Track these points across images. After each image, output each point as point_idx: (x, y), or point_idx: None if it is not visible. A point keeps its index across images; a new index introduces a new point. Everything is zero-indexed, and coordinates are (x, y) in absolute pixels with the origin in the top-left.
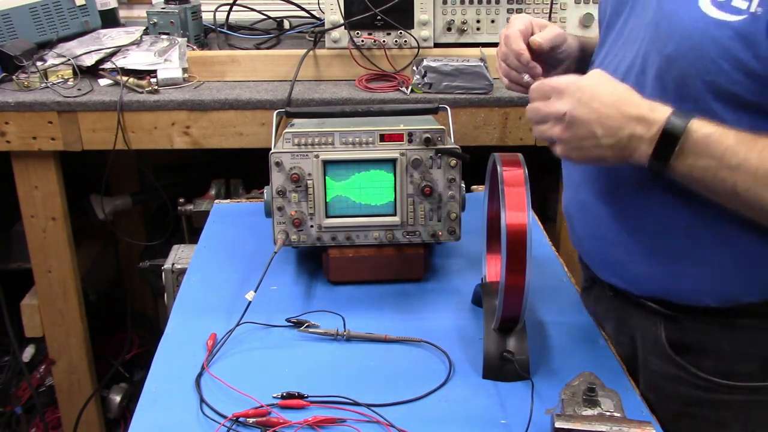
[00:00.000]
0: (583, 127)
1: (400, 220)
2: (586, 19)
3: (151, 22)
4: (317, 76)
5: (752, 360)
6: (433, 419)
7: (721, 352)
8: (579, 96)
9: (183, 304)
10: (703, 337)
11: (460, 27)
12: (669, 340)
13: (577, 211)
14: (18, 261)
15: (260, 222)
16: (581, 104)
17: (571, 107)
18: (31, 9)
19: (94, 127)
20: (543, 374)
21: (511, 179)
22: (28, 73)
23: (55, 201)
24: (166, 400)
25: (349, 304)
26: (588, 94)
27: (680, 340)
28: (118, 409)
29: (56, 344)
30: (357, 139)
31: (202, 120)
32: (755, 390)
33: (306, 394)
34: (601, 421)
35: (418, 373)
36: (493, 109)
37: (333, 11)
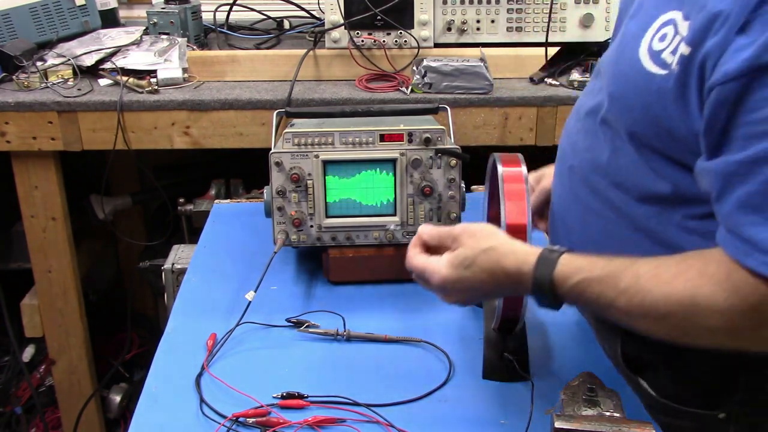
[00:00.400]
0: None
1: (400, 220)
2: (586, 19)
3: (151, 22)
4: (317, 76)
5: (695, 386)
6: (433, 419)
7: (670, 374)
8: (453, 290)
9: (183, 304)
10: (655, 357)
11: (460, 27)
12: (625, 356)
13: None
14: (18, 261)
15: (260, 222)
16: (451, 294)
17: (451, 300)
18: (31, 9)
19: (94, 127)
20: (543, 374)
21: (510, 178)
22: (28, 73)
23: (55, 201)
24: (166, 400)
25: (349, 304)
26: (452, 287)
27: (636, 358)
28: (118, 409)
29: (56, 344)
30: (357, 139)
31: (202, 120)
32: (701, 417)
33: (306, 394)
34: (601, 421)
35: (418, 373)
36: (493, 109)
37: (333, 11)
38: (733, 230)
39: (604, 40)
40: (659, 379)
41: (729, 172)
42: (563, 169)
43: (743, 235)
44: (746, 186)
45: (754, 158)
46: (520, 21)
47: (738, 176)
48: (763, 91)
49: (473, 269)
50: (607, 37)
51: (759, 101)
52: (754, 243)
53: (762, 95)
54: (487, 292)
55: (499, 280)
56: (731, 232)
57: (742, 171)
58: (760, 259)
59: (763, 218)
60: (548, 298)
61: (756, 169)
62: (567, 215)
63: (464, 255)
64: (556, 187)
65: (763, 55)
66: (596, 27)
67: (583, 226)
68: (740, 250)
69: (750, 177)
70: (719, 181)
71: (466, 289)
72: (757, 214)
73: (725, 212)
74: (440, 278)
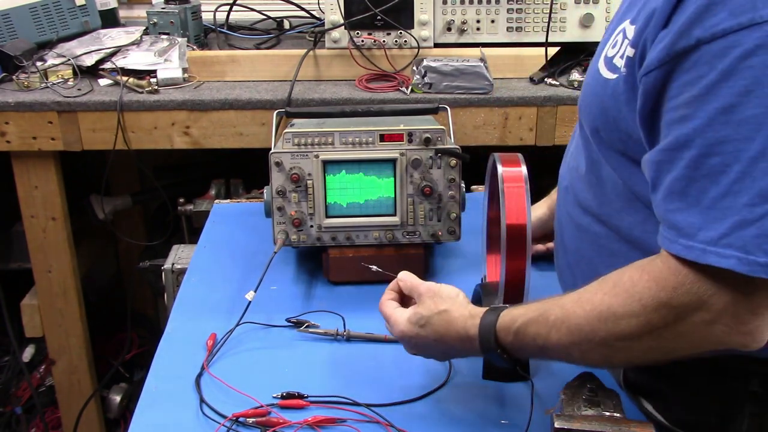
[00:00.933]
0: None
1: (400, 220)
2: (586, 19)
3: (151, 22)
4: (317, 76)
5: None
6: (433, 419)
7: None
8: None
9: (183, 304)
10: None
11: (460, 27)
12: (627, 381)
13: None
14: (18, 261)
15: (260, 222)
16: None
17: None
18: (31, 9)
19: (94, 127)
20: (543, 374)
21: (510, 178)
22: (28, 73)
23: (55, 201)
24: (166, 400)
25: (349, 304)
26: (408, 342)
27: (640, 383)
28: (118, 409)
29: (56, 344)
30: (357, 139)
31: (202, 120)
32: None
33: (306, 394)
34: (601, 422)
35: (418, 373)
36: (493, 109)
37: (333, 11)
38: (663, 219)
39: None
40: (667, 404)
41: (658, 161)
42: (560, 191)
43: (669, 222)
44: (671, 173)
45: (675, 144)
46: (520, 21)
47: (664, 163)
48: (680, 77)
49: (427, 329)
50: None
51: (677, 88)
52: (678, 229)
53: (679, 82)
54: (442, 350)
55: (449, 342)
56: (662, 223)
57: (667, 158)
58: (684, 243)
59: (686, 204)
60: (497, 354)
61: (677, 154)
62: (564, 235)
63: (421, 314)
64: (557, 210)
65: (677, 42)
66: (596, 27)
67: (577, 243)
68: (667, 238)
69: (674, 163)
70: (652, 172)
71: (421, 345)
72: (681, 200)
73: (657, 202)
74: (399, 331)
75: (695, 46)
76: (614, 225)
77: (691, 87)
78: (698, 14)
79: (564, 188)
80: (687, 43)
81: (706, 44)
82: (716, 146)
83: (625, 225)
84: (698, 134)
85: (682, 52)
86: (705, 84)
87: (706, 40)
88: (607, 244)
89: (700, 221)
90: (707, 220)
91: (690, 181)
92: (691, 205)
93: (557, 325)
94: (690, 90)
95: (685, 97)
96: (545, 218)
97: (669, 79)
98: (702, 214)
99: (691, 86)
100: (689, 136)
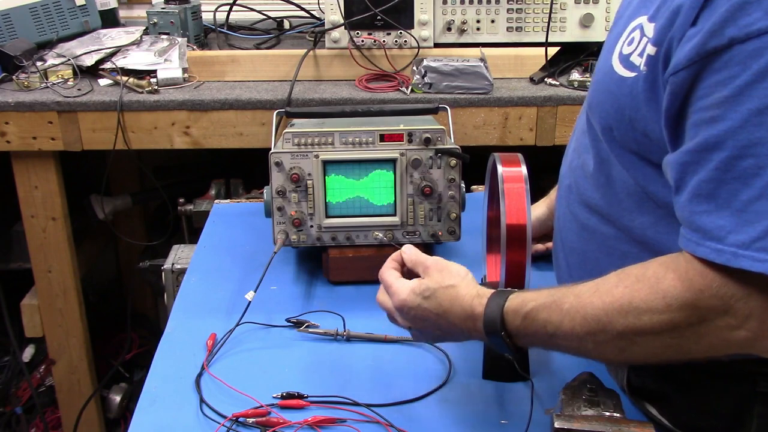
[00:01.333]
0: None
1: (400, 220)
2: (586, 19)
3: (151, 22)
4: (317, 76)
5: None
6: (433, 419)
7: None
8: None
9: (183, 304)
10: (661, 387)
11: (460, 27)
12: (630, 384)
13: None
14: (18, 261)
15: (260, 222)
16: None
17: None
18: (31, 9)
19: (94, 127)
20: (543, 374)
21: (510, 178)
22: (28, 73)
23: (55, 201)
24: (166, 400)
25: (349, 304)
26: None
27: (643, 386)
28: (118, 409)
29: (56, 344)
30: (357, 139)
31: (202, 120)
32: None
33: (306, 394)
34: (601, 421)
35: (418, 373)
36: (493, 109)
37: (333, 11)
38: (688, 221)
39: (604, 40)
40: (674, 409)
41: (683, 162)
42: (562, 190)
43: (695, 225)
44: (698, 175)
45: (705, 145)
46: (520, 21)
47: (690, 165)
48: (710, 77)
49: (430, 301)
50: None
51: (707, 88)
52: (706, 231)
53: (709, 82)
54: (441, 327)
55: (451, 318)
56: (686, 225)
57: (694, 159)
58: (712, 246)
59: (714, 206)
60: (501, 337)
61: (706, 156)
62: (566, 236)
63: (426, 286)
64: (557, 209)
65: (708, 41)
66: (596, 27)
67: (582, 244)
68: (692, 240)
69: (701, 165)
70: (676, 173)
71: (420, 317)
72: (709, 202)
73: (681, 204)
74: (400, 300)
75: (728, 45)
76: (624, 225)
77: (723, 87)
78: (731, 13)
79: (566, 187)
80: (719, 43)
81: (740, 44)
82: (749, 148)
83: (636, 225)
84: (730, 136)
85: (713, 51)
86: (738, 84)
87: (739, 39)
88: (616, 245)
89: (730, 224)
90: (738, 224)
91: (720, 183)
92: (721, 208)
93: (571, 313)
94: (721, 90)
95: (716, 98)
96: (545, 218)
97: (698, 78)
98: (733, 217)
99: (723, 86)
100: (720, 137)
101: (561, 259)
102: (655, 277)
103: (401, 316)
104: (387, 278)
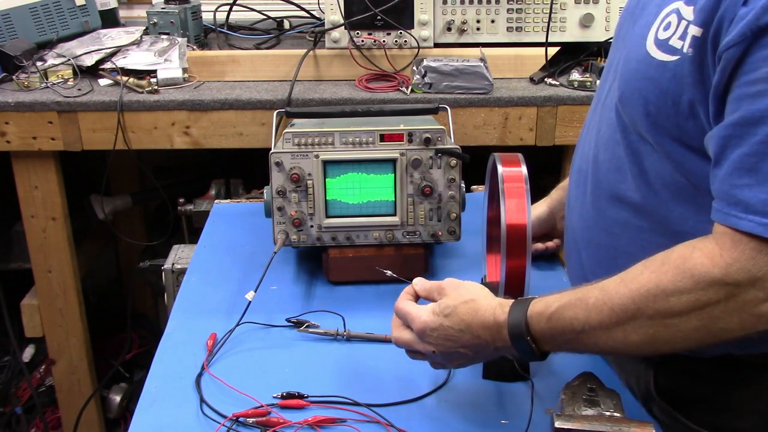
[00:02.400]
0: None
1: (400, 220)
2: (586, 19)
3: (151, 22)
4: (317, 76)
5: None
6: (433, 419)
7: (713, 405)
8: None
9: (183, 304)
10: (695, 388)
11: (460, 27)
12: (658, 387)
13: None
14: (18, 261)
15: (260, 222)
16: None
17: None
18: (31, 9)
19: (94, 127)
20: (543, 374)
21: (510, 178)
22: (28, 73)
23: (55, 201)
24: (166, 400)
25: (349, 304)
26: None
27: (671, 389)
28: (118, 409)
29: (56, 344)
30: (357, 139)
31: (202, 120)
32: None
33: (306, 394)
34: (601, 421)
35: (418, 373)
36: (493, 109)
37: (333, 11)
38: (726, 195)
39: (604, 40)
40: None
41: (725, 136)
42: (584, 188)
43: (735, 198)
44: (741, 148)
45: (749, 119)
46: (520, 21)
47: (733, 138)
48: (760, 52)
49: (452, 318)
50: (607, 37)
51: (754, 63)
52: (748, 205)
53: (757, 56)
54: (465, 343)
55: (475, 330)
56: (722, 199)
57: (737, 133)
58: (757, 220)
59: (756, 180)
60: (526, 343)
61: (750, 129)
62: (591, 234)
63: (446, 304)
64: (575, 207)
65: (762, 17)
66: (596, 27)
67: (613, 240)
68: (731, 214)
69: (744, 138)
70: (717, 146)
71: (444, 337)
72: (750, 176)
73: (720, 177)
74: (422, 322)
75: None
76: (661, 217)
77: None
78: None
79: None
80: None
81: None
82: None
83: (674, 216)
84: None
85: (765, 27)
86: None
87: None
88: (651, 238)
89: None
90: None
91: (764, 156)
92: (763, 182)
93: (598, 306)
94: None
95: (763, 72)
96: (545, 217)
97: (747, 53)
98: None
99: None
100: (765, 111)
101: (581, 258)
102: (681, 258)
103: (423, 341)
104: (404, 307)
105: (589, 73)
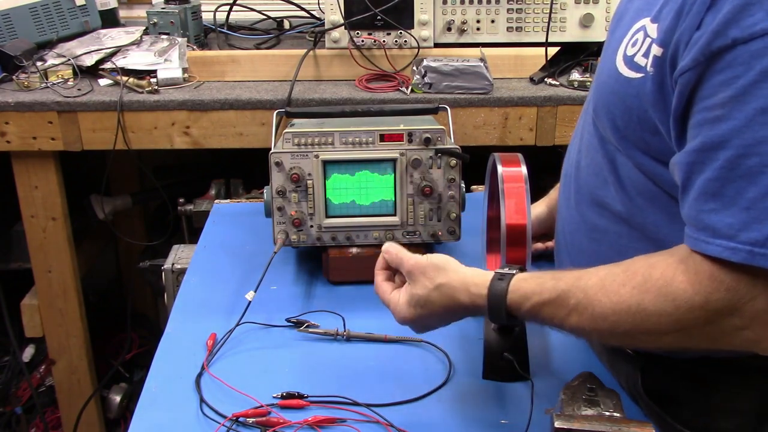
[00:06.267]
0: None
1: (400, 220)
2: (586, 19)
3: (151, 22)
4: (317, 76)
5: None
6: (433, 419)
7: (697, 405)
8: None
9: (183, 304)
10: (679, 388)
11: (460, 27)
12: (646, 387)
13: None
14: (18, 261)
15: (260, 222)
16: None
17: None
18: (31, 9)
19: (94, 127)
20: (543, 374)
21: (510, 178)
22: (28, 73)
23: (55, 201)
24: (166, 400)
25: (349, 304)
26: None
27: (657, 389)
28: (118, 409)
29: (56, 344)
30: (357, 139)
31: (202, 120)
32: None
33: (306, 394)
34: (601, 421)
35: (418, 373)
36: (493, 109)
37: (333, 11)
38: (694, 220)
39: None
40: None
41: (689, 162)
42: (568, 191)
43: (703, 224)
44: (704, 174)
45: (710, 144)
46: (520, 21)
47: (696, 164)
48: (714, 77)
49: (428, 307)
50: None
51: (711, 88)
52: (715, 230)
53: (713, 82)
54: (448, 320)
55: (455, 312)
56: (692, 224)
57: (700, 159)
58: (724, 244)
59: (721, 204)
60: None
61: (711, 155)
62: (573, 238)
63: (418, 296)
64: (562, 210)
65: (712, 42)
66: (596, 27)
67: (592, 245)
68: (700, 240)
69: (707, 164)
70: (683, 173)
71: (426, 324)
72: (716, 200)
73: (689, 203)
74: (401, 318)
75: (731, 45)
76: (638, 223)
77: (727, 87)
78: (734, 14)
79: (573, 188)
80: (723, 43)
81: (743, 44)
82: (755, 147)
83: (650, 223)
84: (735, 135)
85: (717, 52)
86: (742, 84)
87: (743, 40)
88: (629, 244)
89: (738, 222)
90: (747, 221)
91: (726, 181)
92: (727, 206)
93: (578, 309)
94: (725, 90)
95: (720, 98)
96: (544, 217)
97: (702, 79)
98: (741, 214)
99: (727, 86)
100: (725, 136)
101: (566, 262)
102: (663, 279)
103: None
104: (382, 296)
105: (589, 73)
